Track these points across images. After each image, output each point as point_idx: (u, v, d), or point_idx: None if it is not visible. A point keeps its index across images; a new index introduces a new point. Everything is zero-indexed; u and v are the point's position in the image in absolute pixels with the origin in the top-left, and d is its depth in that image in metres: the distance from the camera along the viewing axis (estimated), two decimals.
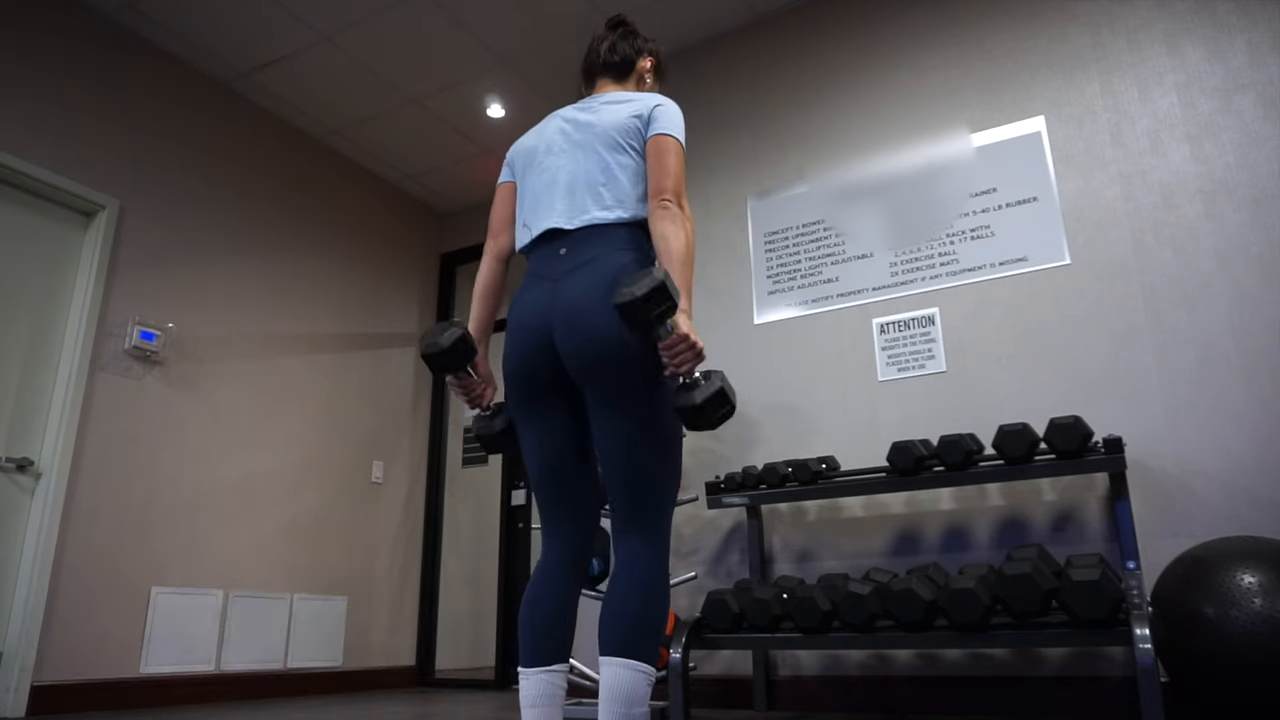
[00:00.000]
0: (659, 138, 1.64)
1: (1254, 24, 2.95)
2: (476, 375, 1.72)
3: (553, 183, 1.68)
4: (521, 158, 1.79)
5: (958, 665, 2.91)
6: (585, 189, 1.64)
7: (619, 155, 1.65)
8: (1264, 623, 2.02)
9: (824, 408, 3.41)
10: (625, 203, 1.62)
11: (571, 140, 1.70)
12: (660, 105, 1.68)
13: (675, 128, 1.66)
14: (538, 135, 1.79)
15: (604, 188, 1.63)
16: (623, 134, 1.66)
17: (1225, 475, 2.65)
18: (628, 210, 1.62)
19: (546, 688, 1.50)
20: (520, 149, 1.81)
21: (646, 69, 1.88)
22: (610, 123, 1.67)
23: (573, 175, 1.66)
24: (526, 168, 1.76)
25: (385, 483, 4.84)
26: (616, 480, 1.54)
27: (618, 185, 1.63)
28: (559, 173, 1.68)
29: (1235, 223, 2.83)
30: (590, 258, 1.58)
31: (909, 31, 3.63)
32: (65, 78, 3.64)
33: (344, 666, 4.36)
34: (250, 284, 4.28)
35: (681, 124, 1.68)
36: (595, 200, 1.62)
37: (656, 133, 1.64)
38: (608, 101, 1.73)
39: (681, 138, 1.66)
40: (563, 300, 1.56)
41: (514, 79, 4.33)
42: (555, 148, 1.72)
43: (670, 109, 1.68)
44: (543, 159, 1.73)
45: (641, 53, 1.87)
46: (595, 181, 1.64)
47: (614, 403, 1.52)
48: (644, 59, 1.88)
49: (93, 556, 3.41)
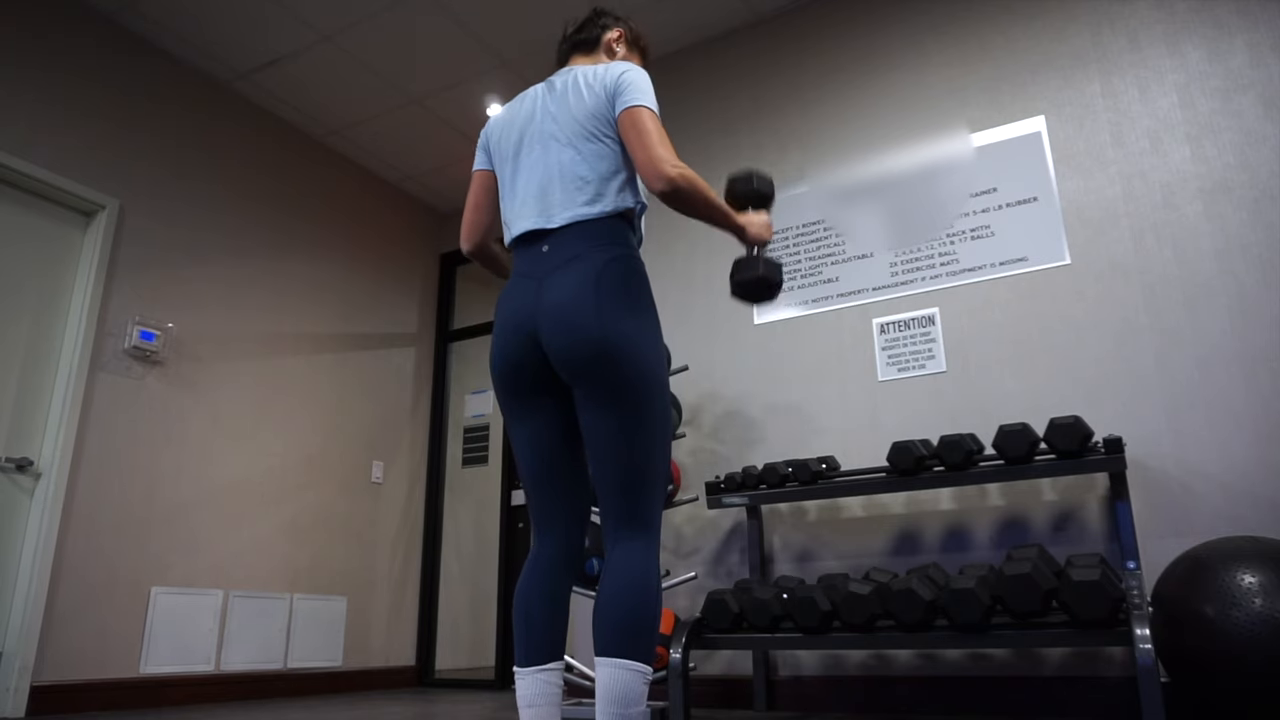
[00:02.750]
0: (629, 111, 1.60)
1: (1254, 24, 2.95)
2: None
3: (530, 179, 1.66)
4: (496, 144, 1.76)
5: (958, 665, 2.91)
6: (563, 184, 1.61)
7: (593, 144, 1.62)
8: (1264, 623, 2.02)
9: (824, 408, 3.41)
10: (605, 195, 1.60)
11: (546, 132, 1.67)
12: (625, 72, 1.64)
13: (643, 94, 1.61)
14: (509, 122, 1.75)
15: (583, 181, 1.61)
16: (595, 122, 1.63)
17: (1225, 475, 2.65)
18: (609, 204, 1.60)
19: (544, 687, 1.50)
20: (494, 134, 1.77)
21: (614, 39, 1.86)
22: (582, 112, 1.64)
23: (547, 172, 1.64)
24: (503, 159, 1.73)
25: (385, 483, 4.84)
26: (606, 479, 1.53)
27: (596, 178, 1.61)
28: (534, 169, 1.66)
29: (1235, 223, 2.83)
30: (573, 255, 1.56)
31: (909, 32, 3.63)
32: (65, 77, 3.64)
33: (344, 666, 4.36)
34: (250, 284, 4.28)
35: (649, 88, 1.63)
36: (575, 196, 1.60)
37: (625, 106, 1.60)
38: (577, 79, 1.69)
39: (653, 104, 1.61)
40: (548, 299, 1.54)
41: (514, 79, 4.33)
42: (531, 139, 1.69)
43: (634, 75, 1.64)
44: (520, 152, 1.70)
45: (608, 28, 1.85)
46: (573, 175, 1.61)
47: (603, 401, 1.51)
48: (611, 30, 1.86)
49: (93, 556, 3.41)
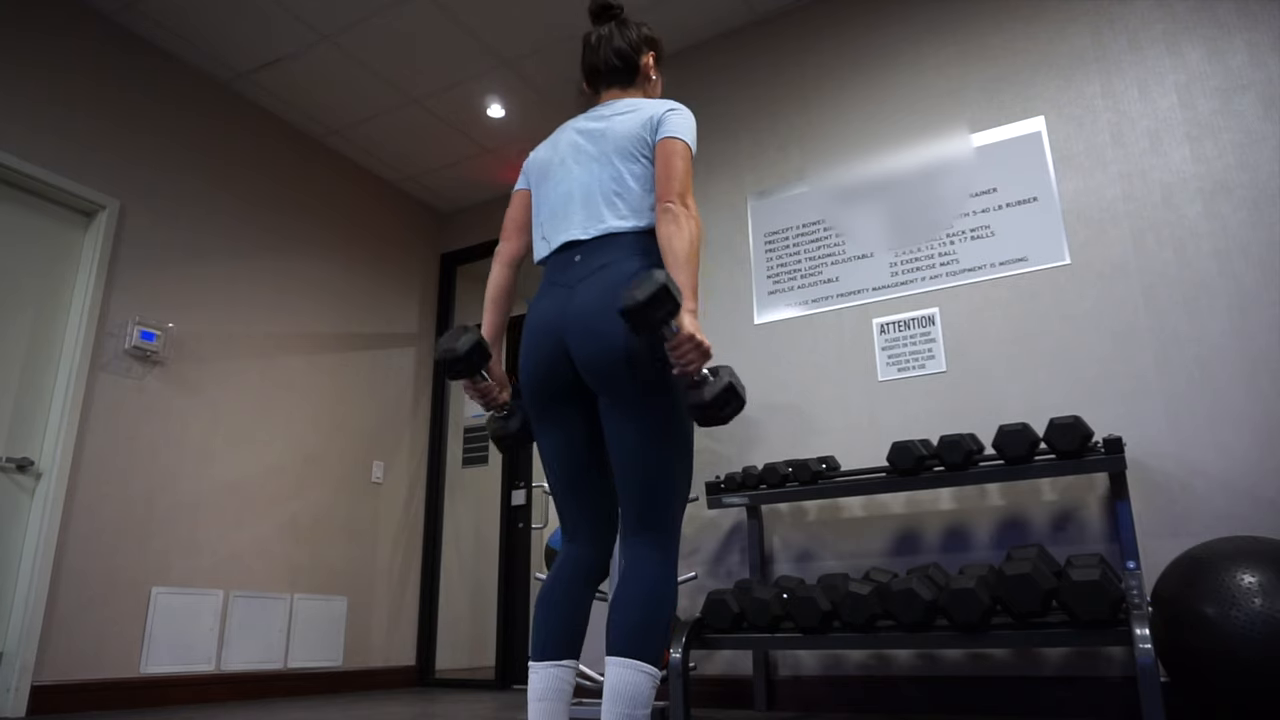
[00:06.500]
0: (666, 141, 1.64)
1: (1254, 24, 2.95)
2: (491, 379, 1.73)
3: (568, 195, 1.70)
4: (537, 168, 1.82)
5: (958, 665, 2.91)
6: (599, 198, 1.66)
7: (631, 164, 1.67)
8: (1264, 623, 2.02)
9: (824, 408, 3.41)
10: (639, 211, 1.65)
11: (585, 152, 1.72)
12: (672, 110, 1.69)
13: (684, 131, 1.66)
14: (551, 147, 1.81)
15: (618, 196, 1.65)
16: (634, 143, 1.67)
17: (1225, 475, 2.65)
18: (642, 219, 1.64)
19: (556, 682, 1.51)
20: (535, 160, 1.84)
21: (650, 65, 1.87)
22: (622, 132, 1.69)
23: (586, 186, 1.69)
24: (542, 178, 1.79)
25: (385, 483, 4.84)
26: (628, 484, 1.56)
27: (631, 194, 1.65)
28: (573, 184, 1.71)
29: (1235, 223, 2.83)
30: (602, 264, 1.60)
31: (909, 31, 3.63)
32: (65, 78, 3.64)
33: (344, 666, 4.36)
34: (250, 284, 4.28)
35: (692, 127, 1.69)
36: (610, 209, 1.65)
37: (664, 136, 1.65)
38: (618, 111, 1.74)
39: (690, 141, 1.66)
40: (576, 307, 1.58)
41: (514, 79, 4.33)
42: (569, 159, 1.74)
43: (681, 114, 1.69)
44: (557, 170, 1.75)
45: (640, 50, 1.86)
46: (609, 190, 1.66)
47: (626, 408, 1.54)
48: (645, 55, 1.86)
49: (93, 556, 3.41)
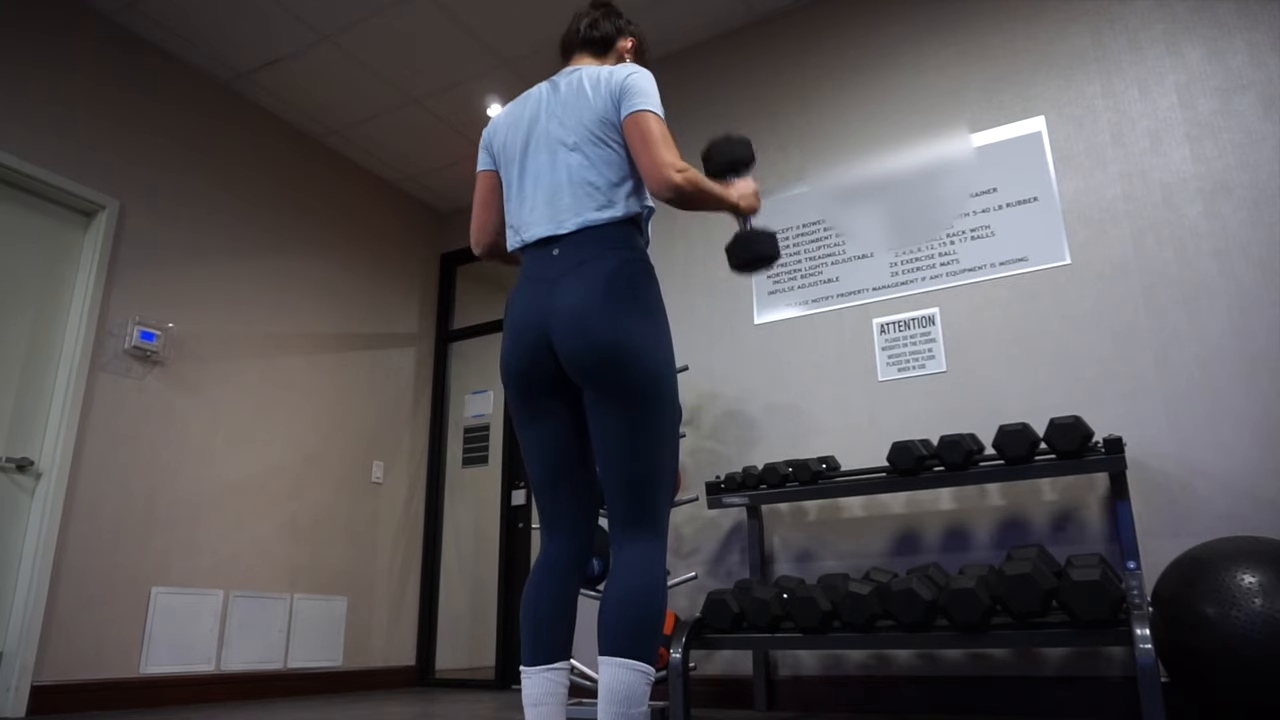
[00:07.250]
0: (634, 116, 1.60)
1: (1254, 24, 2.95)
2: None
3: (537, 184, 1.66)
4: (501, 147, 1.76)
5: (958, 665, 2.91)
6: (572, 190, 1.62)
7: (601, 149, 1.63)
8: (1264, 623, 2.02)
9: (824, 408, 3.41)
10: (615, 202, 1.61)
11: (552, 136, 1.67)
12: (630, 75, 1.64)
13: (648, 98, 1.62)
14: (512, 124, 1.74)
15: (592, 187, 1.61)
16: (601, 126, 1.63)
17: (1225, 475, 2.65)
18: (619, 209, 1.61)
19: (550, 686, 1.51)
20: (498, 137, 1.77)
21: (627, 49, 1.85)
22: (589, 116, 1.64)
23: (555, 177, 1.64)
24: (508, 161, 1.73)
25: (385, 483, 4.84)
26: (614, 480, 1.54)
27: (606, 185, 1.61)
28: (542, 174, 1.66)
29: (1235, 223, 2.83)
30: (582, 260, 1.57)
31: (909, 31, 3.63)
32: (65, 78, 3.64)
33: (344, 666, 4.36)
34: (250, 284, 4.28)
35: (654, 90, 1.64)
36: (585, 201, 1.61)
37: (630, 111, 1.61)
38: (581, 81, 1.69)
39: (658, 108, 1.62)
40: (560, 303, 1.56)
41: (514, 79, 4.33)
42: (538, 143, 1.69)
43: (640, 78, 1.64)
44: (523, 155, 1.70)
45: (623, 33, 1.84)
46: (583, 181, 1.62)
47: (612, 404, 1.52)
48: (625, 39, 1.85)
49: (93, 556, 3.40)
